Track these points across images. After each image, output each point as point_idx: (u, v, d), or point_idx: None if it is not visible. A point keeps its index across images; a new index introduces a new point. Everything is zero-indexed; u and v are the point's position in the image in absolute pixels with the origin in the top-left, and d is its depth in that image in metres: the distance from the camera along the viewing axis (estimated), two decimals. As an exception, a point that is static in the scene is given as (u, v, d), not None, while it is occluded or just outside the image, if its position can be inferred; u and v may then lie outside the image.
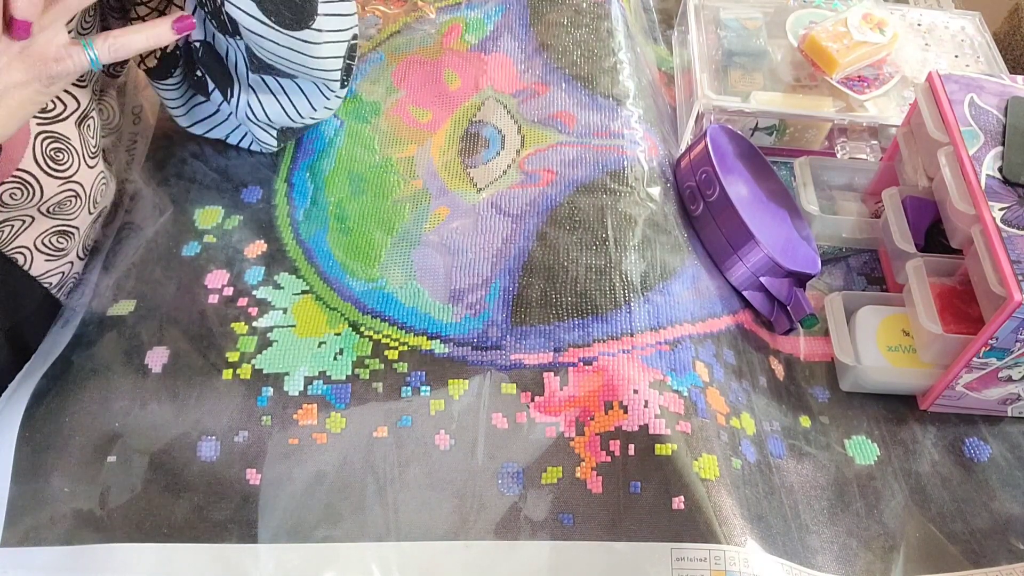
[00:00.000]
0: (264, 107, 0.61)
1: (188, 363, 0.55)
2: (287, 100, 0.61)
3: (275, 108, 0.61)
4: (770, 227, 0.63)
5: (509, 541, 0.49)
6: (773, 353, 0.62)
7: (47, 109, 0.51)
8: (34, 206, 0.52)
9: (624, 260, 0.58)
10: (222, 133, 0.66)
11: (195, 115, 0.65)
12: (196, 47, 0.59)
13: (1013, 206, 0.54)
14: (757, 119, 0.72)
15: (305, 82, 0.61)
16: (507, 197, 0.63)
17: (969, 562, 0.53)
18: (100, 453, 0.51)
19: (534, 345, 0.55)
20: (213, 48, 0.59)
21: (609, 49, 0.73)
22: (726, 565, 0.47)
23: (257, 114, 0.61)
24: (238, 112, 0.61)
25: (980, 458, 0.58)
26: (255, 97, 0.60)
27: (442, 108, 0.70)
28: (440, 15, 0.77)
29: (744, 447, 0.53)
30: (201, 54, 0.59)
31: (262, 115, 0.61)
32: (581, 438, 0.52)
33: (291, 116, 0.62)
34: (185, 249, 0.61)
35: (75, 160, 0.53)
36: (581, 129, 0.67)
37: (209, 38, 0.59)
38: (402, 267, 0.60)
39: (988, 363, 0.55)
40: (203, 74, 0.61)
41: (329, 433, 0.52)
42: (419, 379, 0.54)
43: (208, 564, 0.48)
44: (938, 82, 0.61)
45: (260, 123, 0.62)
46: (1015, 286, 0.50)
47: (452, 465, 0.51)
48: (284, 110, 0.61)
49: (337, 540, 0.49)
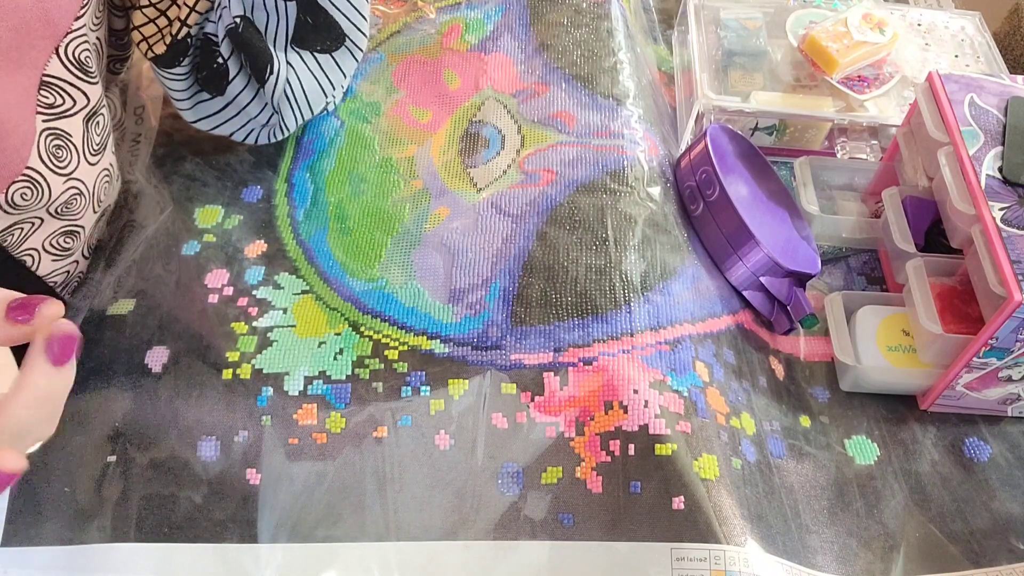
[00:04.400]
0: (302, 82, 0.61)
1: (188, 363, 0.55)
2: (322, 73, 0.62)
3: (311, 83, 0.62)
4: (770, 227, 0.63)
5: (509, 541, 0.49)
6: (773, 353, 0.62)
7: (54, 104, 0.51)
8: (43, 207, 0.52)
9: (624, 260, 0.58)
10: (228, 131, 0.65)
11: (201, 110, 0.63)
12: (236, 23, 0.57)
13: (1013, 206, 0.54)
14: (757, 119, 0.72)
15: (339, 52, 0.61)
16: (507, 197, 0.63)
17: (969, 562, 0.53)
18: (100, 453, 0.51)
19: (534, 345, 0.55)
20: (252, 23, 0.58)
21: (609, 49, 0.73)
22: (726, 565, 0.47)
23: (295, 90, 0.61)
24: (276, 91, 0.60)
25: (980, 458, 0.58)
26: (294, 73, 0.60)
27: (442, 108, 0.70)
28: (440, 15, 0.77)
29: (744, 447, 0.53)
30: (241, 29, 0.57)
31: (299, 91, 0.61)
32: (581, 438, 0.52)
33: (324, 89, 0.63)
34: (185, 248, 0.61)
35: (74, 157, 0.53)
36: (581, 129, 0.67)
37: (248, 12, 0.57)
38: (402, 267, 0.60)
39: (988, 363, 0.55)
40: (224, 62, 0.58)
41: (329, 433, 0.52)
42: (419, 379, 0.54)
43: (208, 564, 0.48)
44: (938, 82, 0.61)
45: (294, 100, 0.62)
46: (1015, 286, 0.50)
47: (452, 465, 0.51)
48: (319, 83, 0.62)
49: (337, 540, 0.49)
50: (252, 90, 0.60)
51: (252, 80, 0.60)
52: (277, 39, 0.59)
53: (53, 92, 0.50)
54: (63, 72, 0.50)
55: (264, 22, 0.58)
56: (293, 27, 0.58)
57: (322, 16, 0.57)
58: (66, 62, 0.50)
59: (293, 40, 0.58)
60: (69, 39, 0.50)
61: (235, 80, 0.60)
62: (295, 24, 0.57)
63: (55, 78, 0.50)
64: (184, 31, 0.56)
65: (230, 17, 0.56)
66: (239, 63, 0.59)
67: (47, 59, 0.49)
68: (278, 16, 0.57)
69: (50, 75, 0.50)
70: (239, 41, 0.57)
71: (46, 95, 0.50)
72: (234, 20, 0.57)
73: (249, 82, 0.60)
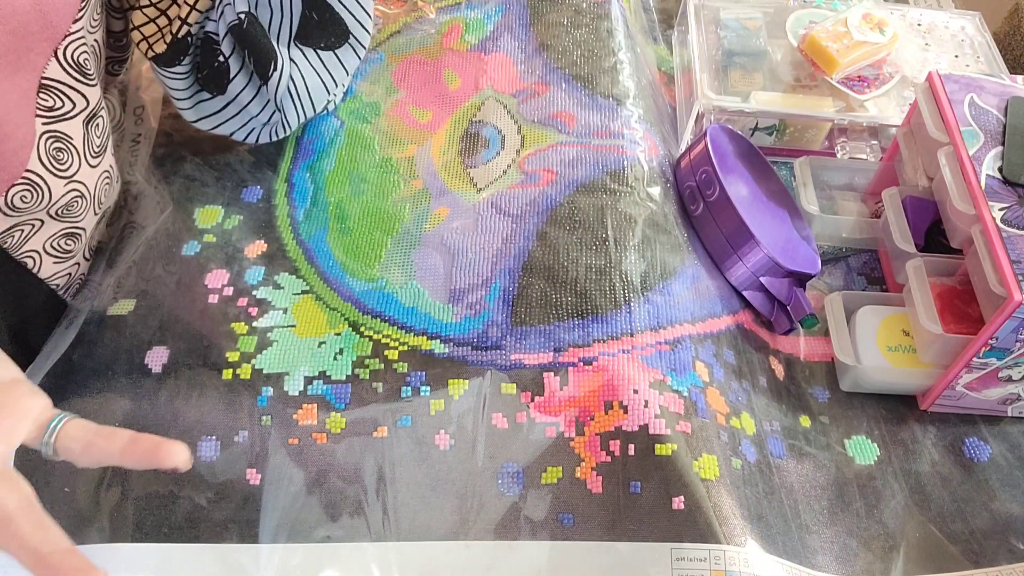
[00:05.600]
0: (305, 79, 0.61)
1: (188, 363, 0.55)
2: (325, 70, 0.62)
3: (314, 79, 0.62)
4: (770, 227, 0.63)
5: (509, 541, 0.49)
6: (773, 353, 0.62)
7: (54, 107, 0.51)
8: (43, 209, 0.52)
9: (624, 260, 0.58)
10: (228, 130, 0.64)
11: (201, 110, 0.63)
12: (241, 18, 0.57)
13: (1013, 206, 0.54)
14: (757, 119, 0.72)
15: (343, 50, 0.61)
16: (507, 197, 0.63)
17: (969, 562, 0.53)
18: (100, 453, 0.51)
19: (534, 345, 0.55)
20: (256, 19, 0.58)
21: (609, 49, 0.73)
22: (726, 565, 0.47)
23: (299, 88, 0.61)
24: (279, 88, 0.60)
25: (980, 458, 0.58)
26: (297, 70, 0.60)
27: (442, 108, 0.70)
28: (440, 15, 0.77)
29: (744, 447, 0.53)
30: (246, 25, 0.57)
31: (303, 87, 0.61)
32: (581, 438, 0.52)
33: (327, 86, 0.63)
34: (185, 248, 0.61)
35: (75, 159, 0.53)
36: (581, 129, 0.67)
37: (252, 8, 0.57)
38: (402, 267, 0.60)
39: (988, 363, 0.55)
40: (225, 60, 0.58)
41: (329, 433, 0.52)
42: (419, 379, 0.54)
43: (208, 564, 0.48)
44: (938, 82, 0.61)
45: (298, 97, 0.62)
46: (1015, 286, 0.50)
47: (452, 465, 0.51)
48: (322, 80, 0.62)
49: (337, 540, 0.49)
50: (253, 88, 0.60)
51: (253, 78, 0.60)
52: (280, 35, 0.59)
53: (52, 95, 0.50)
54: (62, 75, 0.50)
55: (268, 18, 0.58)
56: (298, 23, 0.58)
57: (328, 12, 0.57)
58: (65, 65, 0.50)
59: (297, 36, 0.58)
60: (67, 42, 0.50)
61: (236, 79, 0.60)
62: (300, 20, 0.57)
63: (54, 81, 0.50)
64: (185, 29, 0.56)
65: (233, 13, 0.56)
66: (240, 61, 0.59)
67: (46, 62, 0.49)
68: (282, 12, 0.57)
69: (49, 78, 0.50)
70: (243, 37, 0.57)
71: (45, 98, 0.50)
72: (238, 16, 0.57)
73: (250, 81, 0.60)
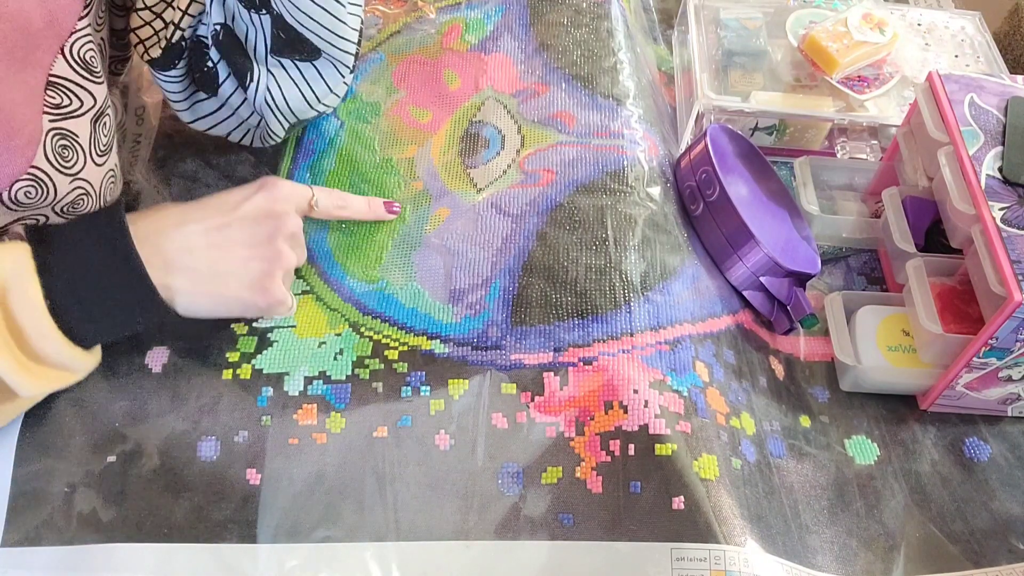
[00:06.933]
0: (283, 91, 0.61)
1: (188, 363, 0.55)
2: (305, 84, 0.61)
3: (293, 92, 0.61)
4: (770, 227, 0.63)
5: (509, 541, 0.49)
6: (773, 353, 0.62)
7: (61, 104, 0.51)
8: (48, 205, 0.52)
9: (624, 260, 0.58)
10: (224, 131, 0.65)
11: (197, 111, 0.64)
12: (216, 31, 0.58)
13: (1013, 206, 0.54)
14: (757, 119, 0.72)
15: (323, 63, 0.61)
16: (507, 197, 0.63)
17: (969, 562, 0.53)
18: (100, 453, 0.51)
19: (534, 345, 0.55)
20: (232, 31, 0.59)
21: (609, 49, 0.73)
22: (726, 565, 0.47)
23: (276, 99, 0.61)
24: (256, 99, 0.60)
25: (980, 458, 0.58)
26: (275, 82, 0.60)
27: (442, 108, 0.70)
28: (440, 15, 0.77)
29: (744, 447, 0.53)
30: (221, 36, 0.58)
31: (281, 100, 0.61)
32: (581, 438, 0.52)
33: (308, 99, 0.62)
34: (185, 249, 0.61)
35: (81, 158, 0.53)
36: (581, 129, 0.67)
37: (229, 20, 0.58)
38: (403, 269, 0.60)
39: (988, 363, 0.55)
40: (214, 65, 0.60)
41: (329, 433, 0.52)
42: (419, 379, 0.54)
43: (208, 564, 0.48)
44: (938, 82, 0.61)
45: (277, 110, 0.62)
46: (1015, 286, 0.50)
47: (452, 465, 0.51)
48: (302, 93, 0.62)
49: (337, 540, 0.49)
50: (242, 93, 0.61)
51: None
52: (257, 49, 0.60)
53: (60, 92, 0.50)
54: (69, 72, 0.51)
55: (244, 32, 0.59)
56: (271, 38, 0.58)
57: (292, 32, 0.58)
58: (72, 62, 0.50)
59: (272, 50, 0.59)
60: (74, 39, 0.50)
61: (225, 83, 0.61)
62: (272, 36, 0.58)
63: (61, 78, 0.50)
64: (177, 34, 0.57)
65: (212, 24, 0.58)
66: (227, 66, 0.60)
67: (53, 59, 0.49)
68: (255, 28, 0.58)
69: (56, 75, 0.50)
70: (219, 48, 0.59)
71: (53, 95, 0.50)
72: (214, 27, 0.58)
73: (239, 86, 0.61)
